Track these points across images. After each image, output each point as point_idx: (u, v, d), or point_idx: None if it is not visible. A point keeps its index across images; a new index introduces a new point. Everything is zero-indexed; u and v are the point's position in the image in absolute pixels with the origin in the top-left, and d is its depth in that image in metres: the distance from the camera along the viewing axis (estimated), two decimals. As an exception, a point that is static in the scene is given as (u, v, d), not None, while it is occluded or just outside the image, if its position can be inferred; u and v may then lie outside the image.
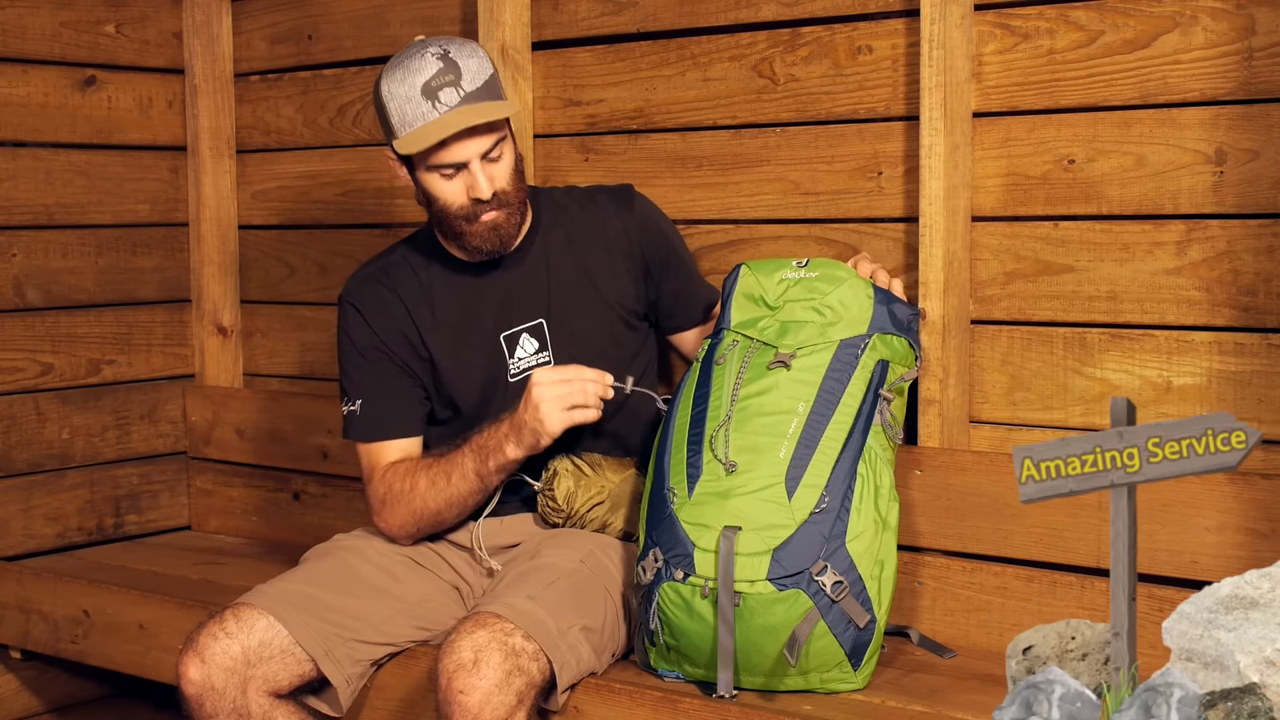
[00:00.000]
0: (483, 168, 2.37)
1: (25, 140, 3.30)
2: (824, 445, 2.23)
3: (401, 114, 2.35)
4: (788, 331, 2.36)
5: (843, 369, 2.30)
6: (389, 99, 2.36)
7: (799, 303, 2.39)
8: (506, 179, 2.41)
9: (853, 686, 2.23)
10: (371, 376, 2.54)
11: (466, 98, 2.34)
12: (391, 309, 2.52)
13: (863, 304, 2.37)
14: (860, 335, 2.34)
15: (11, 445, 3.30)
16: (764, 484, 2.20)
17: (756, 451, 2.23)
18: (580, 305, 2.52)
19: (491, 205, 2.39)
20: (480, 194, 2.37)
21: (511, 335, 2.51)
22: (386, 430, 2.53)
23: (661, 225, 2.63)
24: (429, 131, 2.32)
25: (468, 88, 2.34)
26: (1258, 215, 2.30)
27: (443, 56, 2.35)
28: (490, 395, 2.52)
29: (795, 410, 2.26)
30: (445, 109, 2.33)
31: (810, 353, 2.32)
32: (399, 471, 2.49)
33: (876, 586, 2.20)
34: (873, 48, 2.62)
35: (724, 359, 2.37)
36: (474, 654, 2.15)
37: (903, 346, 2.38)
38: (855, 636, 2.18)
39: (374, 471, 2.53)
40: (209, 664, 2.29)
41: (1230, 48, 2.30)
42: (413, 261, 2.55)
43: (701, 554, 2.18)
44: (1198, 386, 2.36)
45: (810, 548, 2.16)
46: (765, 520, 2.17)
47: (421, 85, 2.33)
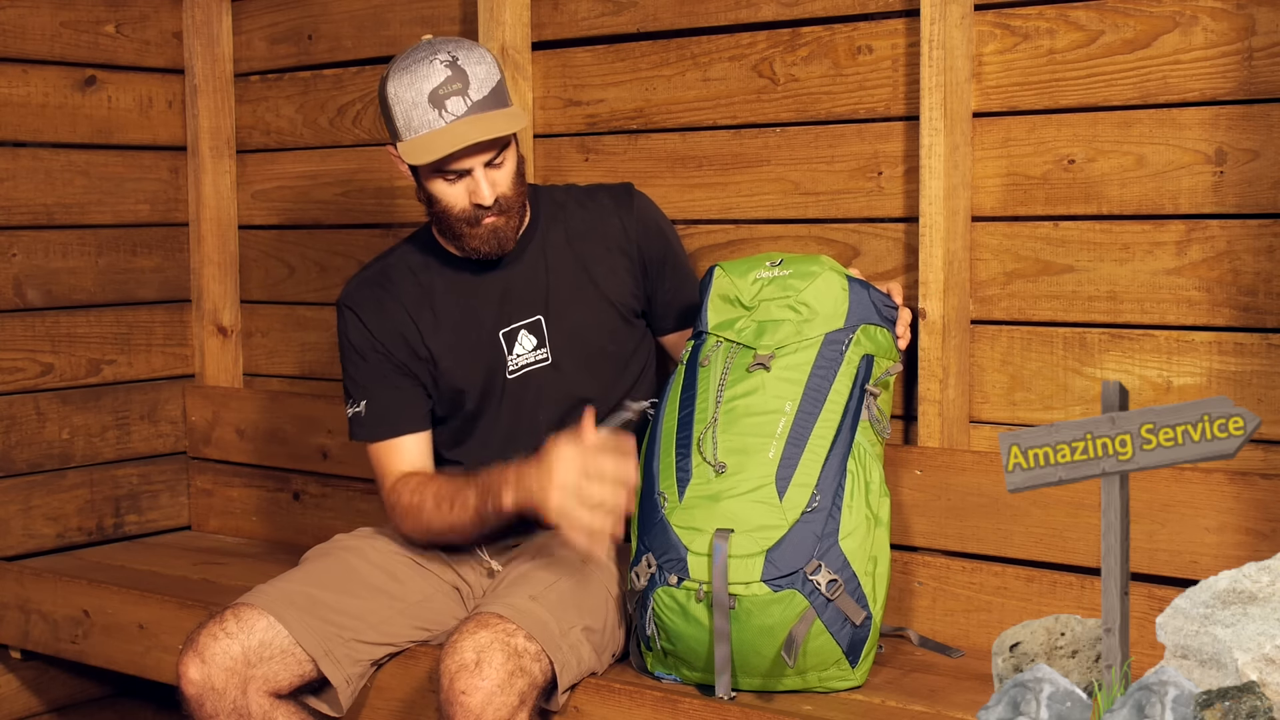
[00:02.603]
0: (486, 174, 2.37)
1: (25, 140, 3.30)
2: (813, 444, 2.23)
3: (407, 119, 2.35)
4: (764, 332, 2.35)
5: (828, 366, 2.29)
6: (395, 101, 2.36)
7: (773, 301, 2.37)
8: (508, 184, 2.41)
9: (851, 684, 2.23)
10: (373, 377, 2.53)
11: (474, 107, 2.33)
12: (390, 313, 2.52)
13: (838, 296, 2.35)
14: (840, 330, 2.33)
15: (11, 445, 3.30)
16: (754, 485, 2.20)
17: (745, 453, 2.23)
18: (579, 302, 2.52)
19: (493, 210, 2.39)
20: (482, 200, 2.37)
21: (510, 332, 2.51)
22: (393, 428, 2.52)
23: (661, 225, 2.62)
24: (435, 142, 2.32)
25: (475, 96, 2.33)
26: (1258, 215, 2.30)
27: (451, 64, 2.34)
28: (490, 392, 2.51)
29: (783, 410, 2.26)
30: (452, 118, 2.32)
31: (791, 351, 2.31)
32: (410, 485, 2.48)
33: (871, 583, 2.20)
34: (873, 48, 2.62)
35: (708, 360, 2.36)
36: (476, 654, 2.15)
37: (886, 339, 2.37)
38: (852, 634, 2.18)
39: (386, 477, 2.52)
40: (209, 664, 2.29)
41: (1230, 48, 2.29)
42: (411, 263, 2.55)
43: (695, 558, 2.18)
44: (1198, 386, 2.36)
45: (803, 547, 2.16)
46: (757, 521, 2.17)
47: (429, 92, 2.32)
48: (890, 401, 2.39)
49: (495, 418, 2.51)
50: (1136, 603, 2.34)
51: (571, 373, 2.50)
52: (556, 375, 2.50)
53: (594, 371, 2.52)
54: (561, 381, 2.50)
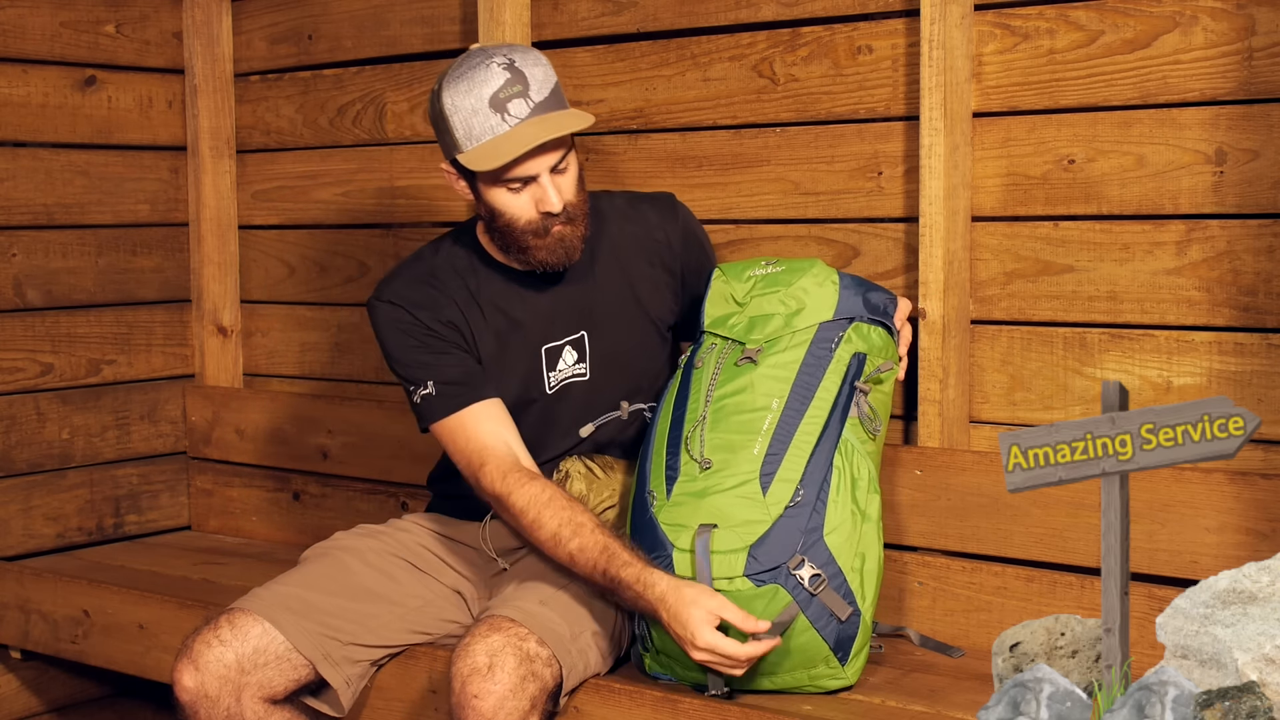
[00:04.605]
0: (552, 180, 2.30)
1: (25, 140, 3.30)
2: (798, 440, 2.23)
3: (468, 127, 2.27)
4: (755, 326, 2.35)
5: (817, 363, 2.30)
6: (453, 112, 2.28)
7: (765, 296, 2.38)
8: (573, 190, 2.34)
9: (843, 683, 2.23)
10: (435, 353, 2.41)
11: (536, 108, 2.27)
12: (443, 307, 2.43)
13: (826, 290, 2.36)
14: (831, 325, 2.33)
15: (11, 445, 3.30)
16: (739, 481, 2.20)
17: (731, 449, 2.23)
18: (622, 319, 2.49)
19: (560, 219, 2.32)
20: (551, 208, 2.30)
21: (554, 348, 2.46)
22: (474, 390, 2.38)
23: (701, 237, 2.60)
24: (501, 147, 2.25)
25: (536, 98, 2.27)
26: (1258, 215, 2.30)
27: (509, 66, 2.27)
28: (525, 403, 2.45)
29: (769, 407, 2.26)
30: (516, 121, 2.25)
31: (781, 349, 2.32)
32: (528, 492, 2.30)
33: (858, 579, 2.20)
34: (873, 48, 2.62)
35: (701, 362, 2.37)
36: (489, 658, 2.15)
37: (881, 339, 2.37)
38: (838, 630, 2.18)
39: (479, 455, 2.34)
40: (203, 671, 2.29)
41: (1230, 48, 2.29)
42: (458, 266, 2.46)
43: (680, 554, 2.19)
44: (1198, 386, 2.36)
45: (787, 542, 2.16)
46: (741, 517, 2.18)
47: (489, 97, 2.25)
48: (889, 401, 2.39)
49: (520, 425, 2.44)
50: (1136, 603, 2.34)
51: (606, 388, 2.48)
52: (591, 389, 2.48)
53: (628, 386, 2.50)
54: (595, 394, 2.48)
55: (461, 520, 2.57)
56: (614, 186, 2.92)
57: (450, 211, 3.19)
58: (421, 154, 3.22)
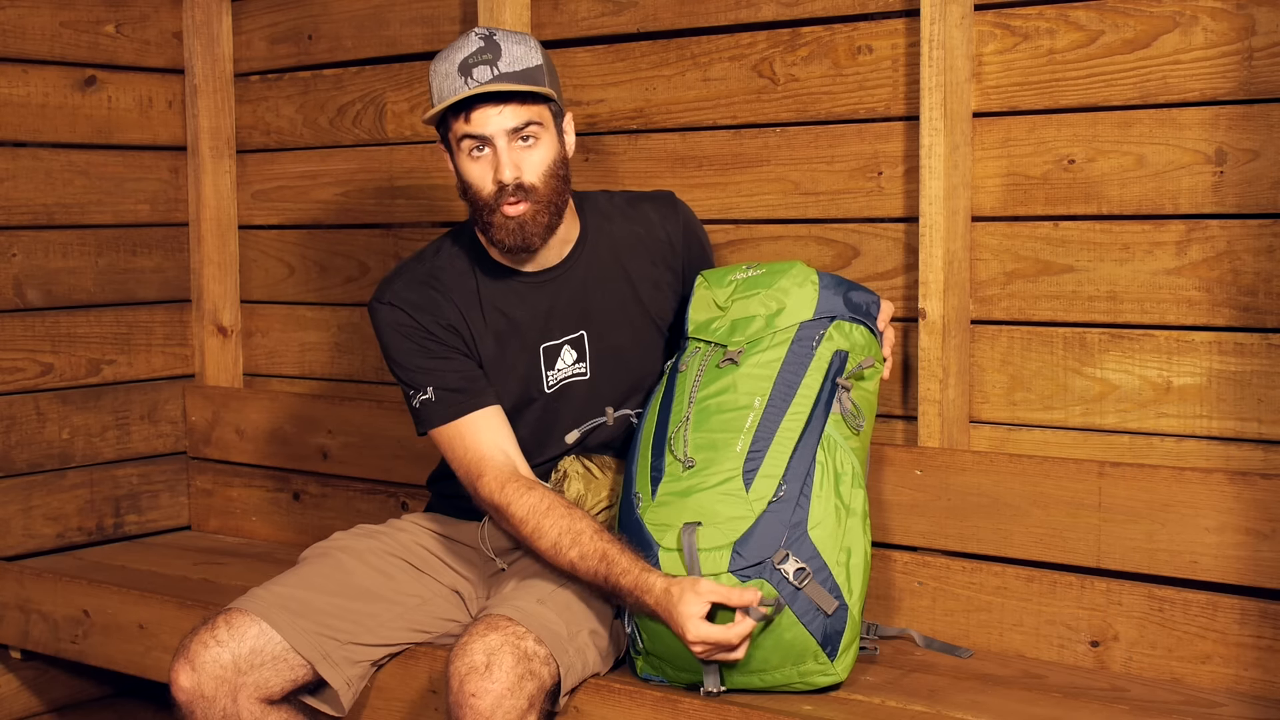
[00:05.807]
0: (510, 149, 2.31)
1: (25, 140, 3.30)
2: (780, 436, 2.23)
3: (440, 90, 2.32)
4: (737, 329, 2.36)
5: (799, 361, 2.30)
6: (433, 76, 2.34)
7: (746, 299, 2.39)
8: (537, 173, 2.33)
9: (834, 679, 2.22)
10: (435, 357, 2.42)
11: (500, 78, 2.29)
12: (444, 310, 2.44)
13: (806, 290, 2.36)
14: (811, 323, 2.33)
15: (11, 445, 3.30)
16: (723, 478, 2.21)
17: (715, 448, 2.24)
18: (623, 321, 2.49)
19: (513, 194, 2.31)
20: (501, 175, 2.30)
21: (552, 347, 2.46)
22: (473, 398, 2.40)
23: (701, 235, 2.60)
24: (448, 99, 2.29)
25: (503, 69, 2.29)
26: (1258, 215, 2.30)
27: (486, 38, 2.32)
28: (524, 402, 2.47)
29: (752, 405, 2.27)
30: (475, 85, 2.28)
31: (763, 349, 2.32)
32: (526, 501, 2.32)
33: (844, 573, 2.20)
34: (873, 48, 2.62)
35: (685, 366, 2.38)
36: (486, 657, 2.15)
37: (864, 337, 2.36)
38: (825, 624, 2.18)
39: (478, 464, 2.36)
40: (199, 672, 2.29)
41: (1230, 48, 2.30)
42: (458, 267, 2.47)
43: (666, 553, 2.20)
44: (1198, 386, 2.36)
45: (771, 537, 2.16)
46: (725, 514, 2.18)
47: (460, 61, 2.30)
48: (874, 398, 2.37)
49: (521, 424, 2.46)
50: (1137, 602, 2.34)
51: (605, 387, 2.49)
52: (590, 388, 2.48)
53: (626, 385, 2.51)
54: (594, 393, 2.49)
55: (460, 520, 2.57)
56: (614, 186, 2.92)
57: (450, 211, 3.19)
58: (421, 154, 3.23)
